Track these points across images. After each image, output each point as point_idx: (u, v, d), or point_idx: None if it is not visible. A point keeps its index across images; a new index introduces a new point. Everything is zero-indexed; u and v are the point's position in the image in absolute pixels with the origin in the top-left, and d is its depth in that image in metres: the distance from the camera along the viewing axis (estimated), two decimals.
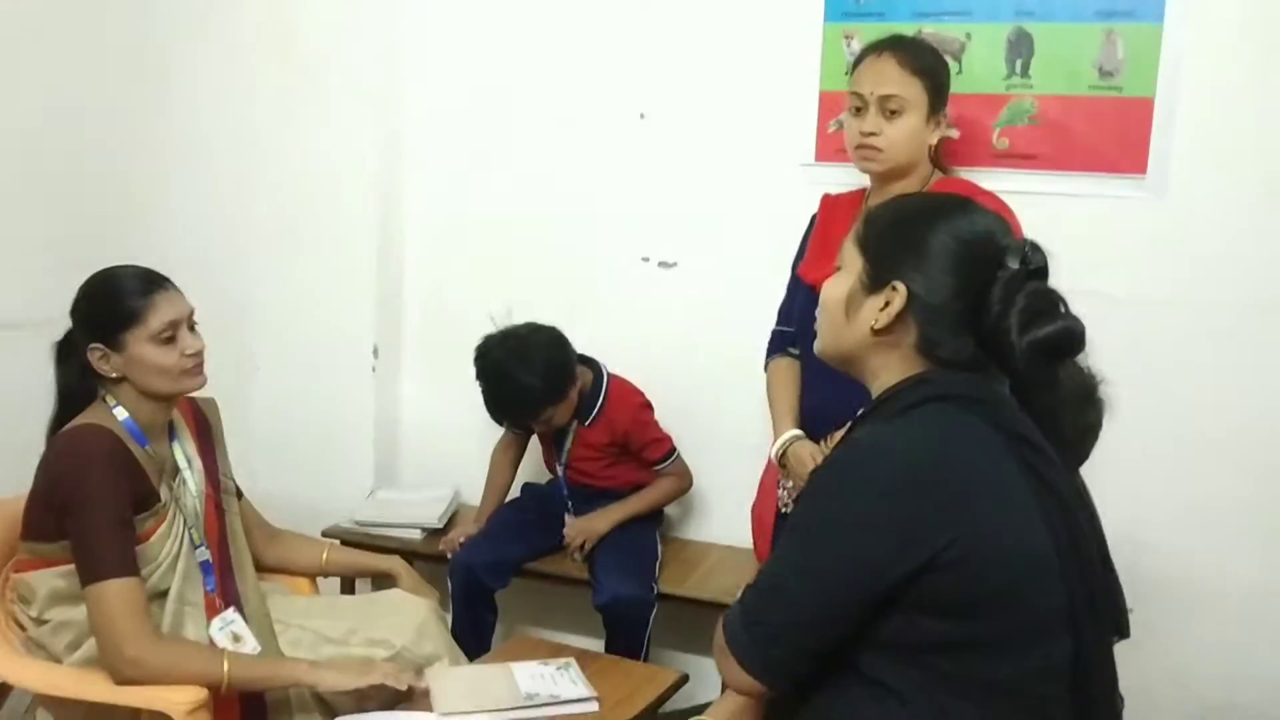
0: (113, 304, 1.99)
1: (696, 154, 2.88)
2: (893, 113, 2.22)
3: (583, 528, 2.73)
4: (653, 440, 2.78)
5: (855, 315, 1.43)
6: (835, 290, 1.47)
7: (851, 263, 1.46)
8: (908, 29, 2.63)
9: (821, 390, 2.26)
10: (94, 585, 1.87)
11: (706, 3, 2.82)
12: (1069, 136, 2.53)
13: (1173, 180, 2.46)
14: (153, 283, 2.02)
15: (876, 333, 1.41)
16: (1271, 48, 2.38)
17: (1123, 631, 1.46)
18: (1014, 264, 1.35)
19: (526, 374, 2.62)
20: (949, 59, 2.58)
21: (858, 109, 2.27)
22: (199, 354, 2.03)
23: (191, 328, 2.05)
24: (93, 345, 1.99)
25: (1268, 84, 2.39)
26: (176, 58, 3.21)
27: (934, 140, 2.28)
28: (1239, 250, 2.43)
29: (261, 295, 3.21)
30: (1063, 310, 1.36)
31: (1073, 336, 1.35)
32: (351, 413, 3.22)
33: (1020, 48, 2.56)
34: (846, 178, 2.70)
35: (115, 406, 2.01)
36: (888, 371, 1.43)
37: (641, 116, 2.92)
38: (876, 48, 2.30)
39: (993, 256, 1.36)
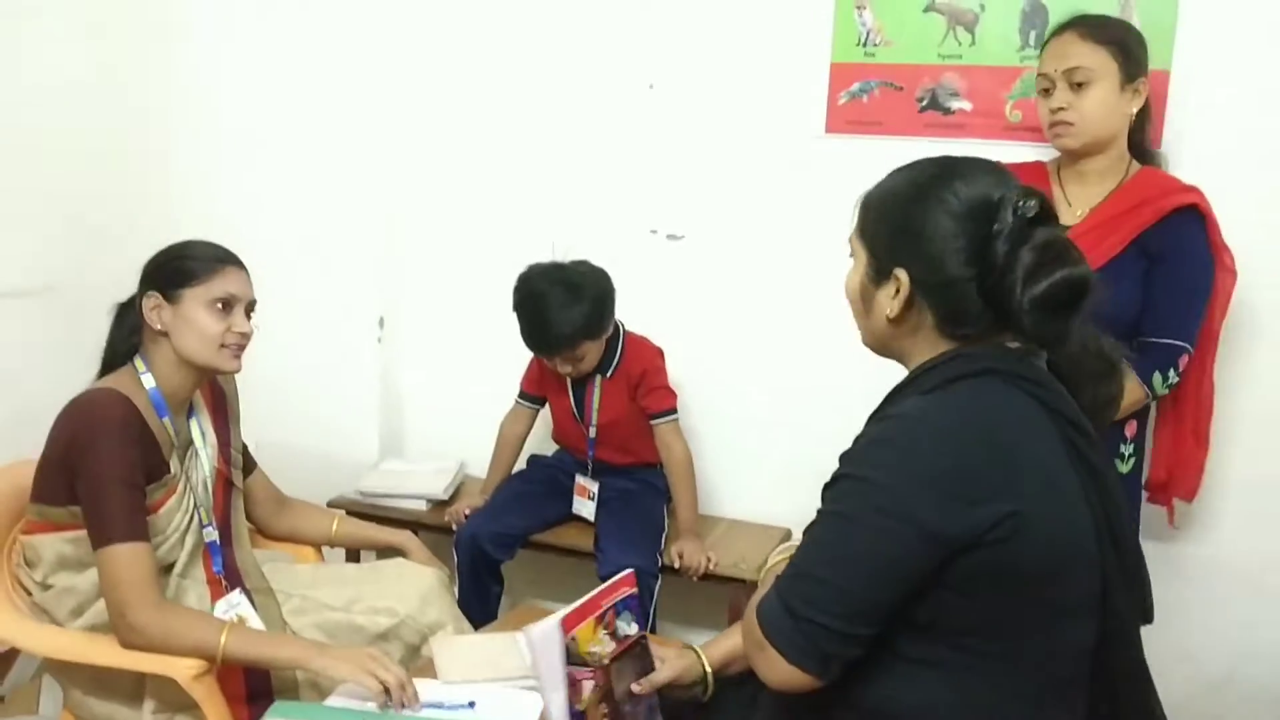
0: (182, 261, 2.03)
1: (705, 125, 2.86)
2: (1079, 85, 2.15)
3: (693, 549, 2.64)
4: (660, 387, 2.74)
5: (872, 307, 1.42)
6: (851, 285, 1.46)
7: (858, 254, 1.44)
8: (920, 1, 2.61)
9: None
10: (103, 549, 1.87)
11: None
12: None
13: (1187, 153, 2.43)
14: (226, 257, 2.06)
15: (893, 321, 1.39)
16: None
17: (1148, 616, 1.45)
18: (1008, 218, 1.30)
19: (572, 300, 2.57)
20: (960, 29, 2.57)
21: (1045, 90, 2.21)
22: (245, 337, 2.05)
23: (248, 314, 2.07)
24: (150, 293, 2.00)
25: None
26: (181, 21, 3.19)
27: (1133, 110, 2.19)
28: (1255, 220, 2.41)
29: (267, 265, 3.15)
30: (1067, 256, 1.30)
31: (1073, 284, 1.29)
32: (357, 384, 3.23)
33: (1034, 19, 2.54)
34: (858, 150, 2.69)
35: (144, 373, 2.01)
36: (919, 353, 1.40)
37: (650, 87, 2.90)
38: (1058, 29, 2.24)
39: (987, 217, 1.32)
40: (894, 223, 1.38)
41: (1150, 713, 1.41)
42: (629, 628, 1.73)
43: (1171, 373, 2.13)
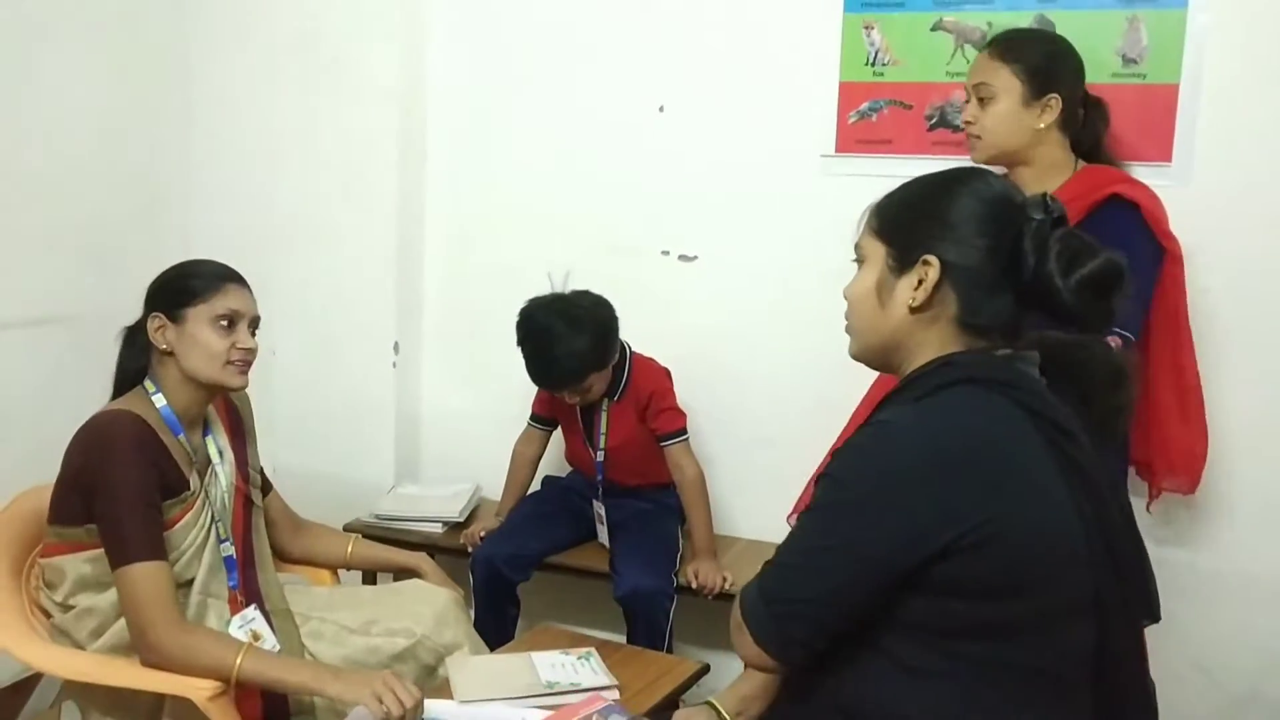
0: (185, 280, 2.06)
1: (716, 146, 2.88)
2: (984, 100, 2.24)
3: (708, 568, 2.63)
4: (669, 409, 2.73)
5: (889, 301, 1.42)
6: (861, 286, 1.46)
7: (873, 254, 1.45)
8: (928, 19, 2.64)
9: None
10: (122, 569, 1.88)
11: None
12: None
13: (1198, 168, 2.44)
14: (229, 275, 2.09)
15: (915, 311, 1.39)
16: None
17: (1153, 614, 1.46)
18: (1038, 215, 1.36)
19: (575, 335, 2.56)
20: (968, 47, 2.58)
21: (966, 102, 2.30)
22: (249, 353, 2.07)
23: (252, 331, 2.09)
24: (154, 314, 2.03)
25: None
26: (200, 58, 3.24)
27: (1041, 125, 2.21)
28: (1265, 239, 2.41)
29: (283, 291, 3.21)
30: (1097, 247, 1.36)
31: (1118, 269, 1.34)
32: (373, 408, 3.24)
33: None
34: (868, 169, 2.70)
35: (155, 393, 2.04)
36: (925, 352, 1.41)
37: (661, 110, 2.93)
38: (984, 45, 2.34)
39: (1016, 212, 1.37)
40: (922, 211, 1.41)
41: (1151, 711, 1.41)
42: None
43: None
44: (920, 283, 1.38)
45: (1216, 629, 2.51)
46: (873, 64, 2.69)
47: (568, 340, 2.57)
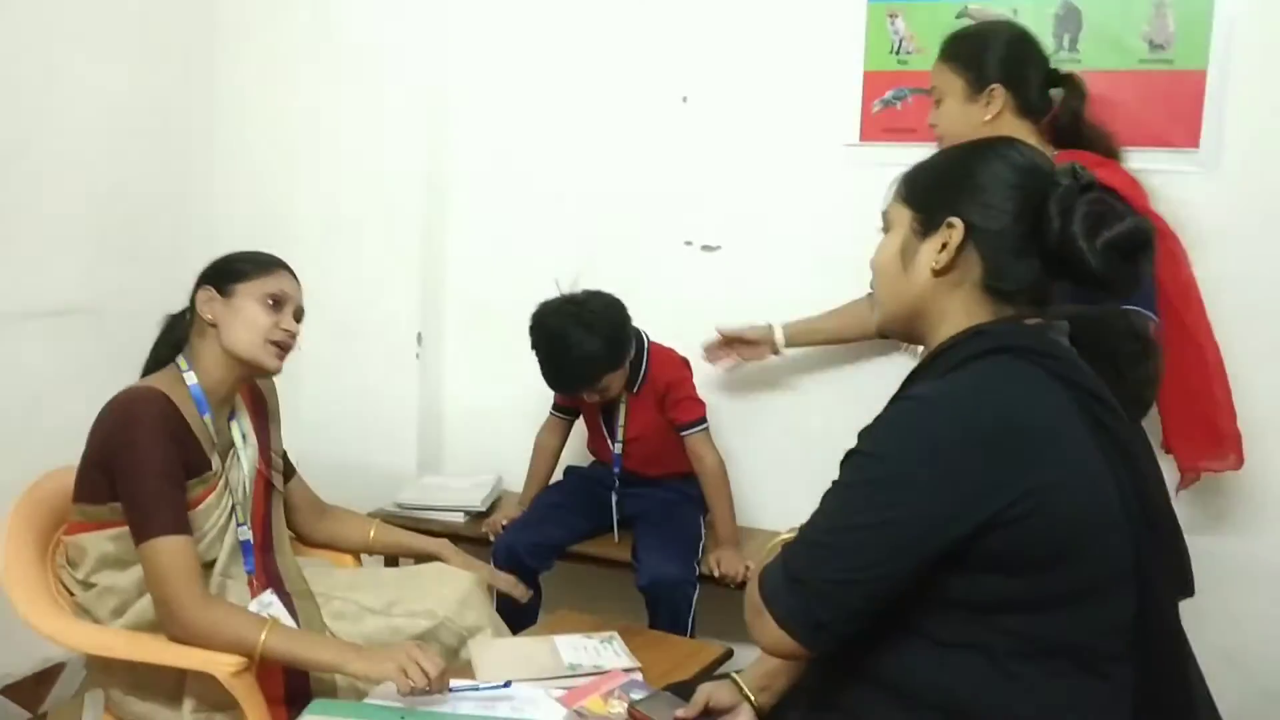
0: (239, 260, 2.11)
1: (739, 137, 2.88)
2: (937, 102, 2.32)
3: (730, 557, 2.62)
4: (687, 398, 2.72)
5: (912, 264, 1.41)
6: (886, 251, 1.46)
7: (899, 219, 1.44)
8: (952, 7, 2.63)
9: None
10: (145, 544, 1.88)
11: None
12: (1119, 111, 2.47)
13: (1226, 153, 2.42)
14: (281, 263, 2.15)
15: (938, 274, 1.38)
16: None
17: (1187, 589, 1.43)
18: (1066, 180, 1.35)
19: (587, 338, 2.56)
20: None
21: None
22: (291, 336, 2.09)
23: (298, 318, 2.12)
24: (204, 285, 2.07)
25: None
26: (223, 53, 3.27)
27: (988, 117, 2.23)
28: None
29: (307, 283, 3.21)
30: (1126, 210, 1.34)
31: (1144, 232, 1.33)
32: (396, 400, 3.25)
33: (1068, 22, 2.53)
34: (891, 157, 2.68)
35: (187, 370, 2.05)
36: (950, 319, 1.39)
37: (684, 100, 2.93)
38: None
39: (1043, 177, 1.36)
40: (950, 175, 1.41)
41: (1188, 684, 1.38)
42: (640, 695, 1.80)
43: None
44: (944, 246, 1.37)
45: (1248, 619, 2.48)
46: (897, 52, 2.69)
47: (581, 344, 2.57)
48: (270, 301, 2.06)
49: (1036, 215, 1.34)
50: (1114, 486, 1.30)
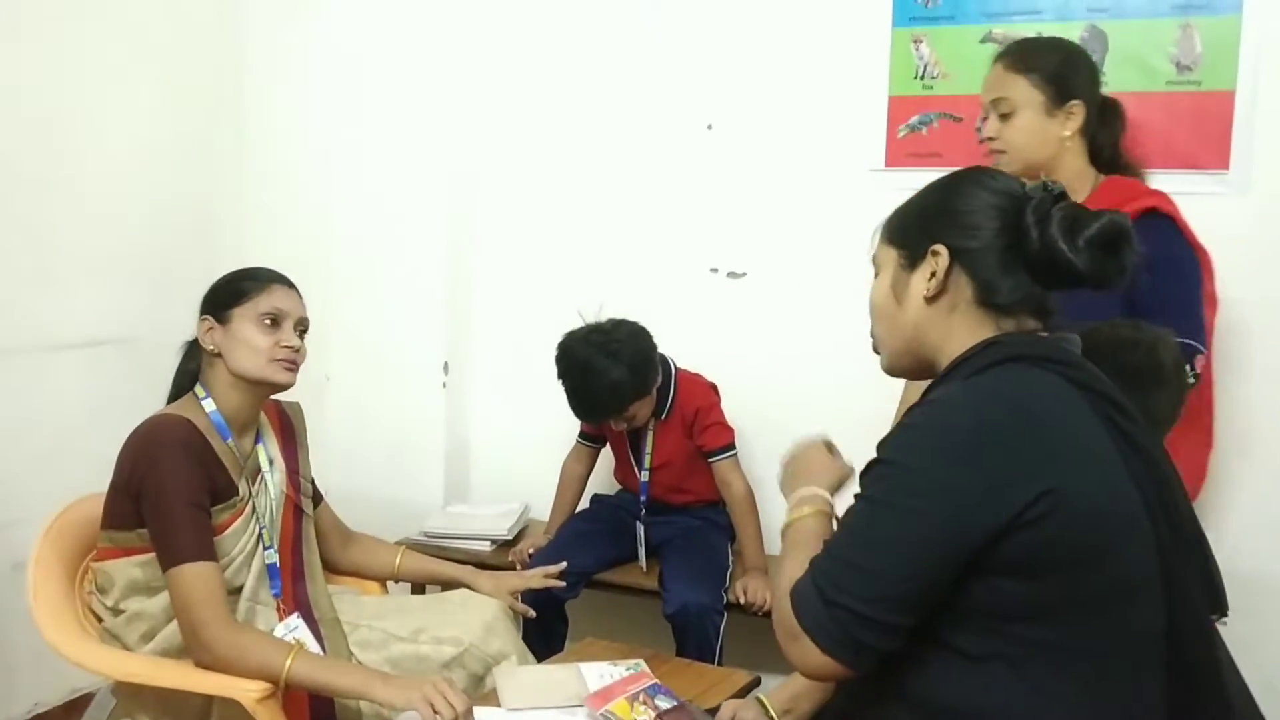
0: (232, 283, 2.11)
1: (765, 163, 2.89)
2: (1004, 116, 2.19)
3: (757, 584, 2.60)
4: (715, 424, 2.72)
5: (905, 297, 1.43)
6: (879, 290, 1.48)
7: (886, 260, 1.47)
8: (977, 31, 2.63)
9: None
10: (172, 570, 1.89)
11: (773, 11, 2.84)
12: (1147, 133, 2.46)
13: (1257, 175, 2.40)
14: (274, 277, 2.13)
15: (931, 300, 1.40)
16: None
17: (1220, 606, 1.40)
18: (1038, 194, 1.37)
19: (614, 367, 2.56)
20: None
21: (985, 119, 2.25)
22: (294, 350, 2.08)
23: (301, 333, 2.11)
24: (204, 317, 2.08)
25: None
26: (254, 87, 3.32)
27: (1067, 133, 2.17)
28: None
29: (336, 315, 3.26)
30: (1097, 211, 1.36)
31: (1120, 224, 1.34)
32: (423, 429, 3.25)
33: (1094, 46, 2.52)
34: (918, 183, 2.67)
35: (205, 398, 2.06)
36: (954, 339, 1.40)
37: (709, 128, 2.94)
38: (994, 58, 2.27)
39: (1017, 194, 1.39)
40: (928, 208, 1.44)
41: (1225, 697, 1.34)
42: (667, 705, 1.80)
43: (1189, 373, 2.05)
44: (933, 274, 1.39)
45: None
46: (921, 77, 2.69)
47: (607, 372, 2.57)
48: (267, 321, 2.05)
49: (1016, 229, 1.36)
50: (1135, 489, 1.30)
